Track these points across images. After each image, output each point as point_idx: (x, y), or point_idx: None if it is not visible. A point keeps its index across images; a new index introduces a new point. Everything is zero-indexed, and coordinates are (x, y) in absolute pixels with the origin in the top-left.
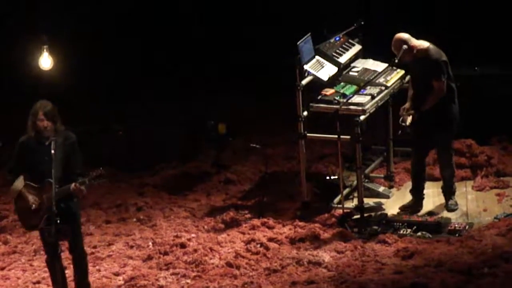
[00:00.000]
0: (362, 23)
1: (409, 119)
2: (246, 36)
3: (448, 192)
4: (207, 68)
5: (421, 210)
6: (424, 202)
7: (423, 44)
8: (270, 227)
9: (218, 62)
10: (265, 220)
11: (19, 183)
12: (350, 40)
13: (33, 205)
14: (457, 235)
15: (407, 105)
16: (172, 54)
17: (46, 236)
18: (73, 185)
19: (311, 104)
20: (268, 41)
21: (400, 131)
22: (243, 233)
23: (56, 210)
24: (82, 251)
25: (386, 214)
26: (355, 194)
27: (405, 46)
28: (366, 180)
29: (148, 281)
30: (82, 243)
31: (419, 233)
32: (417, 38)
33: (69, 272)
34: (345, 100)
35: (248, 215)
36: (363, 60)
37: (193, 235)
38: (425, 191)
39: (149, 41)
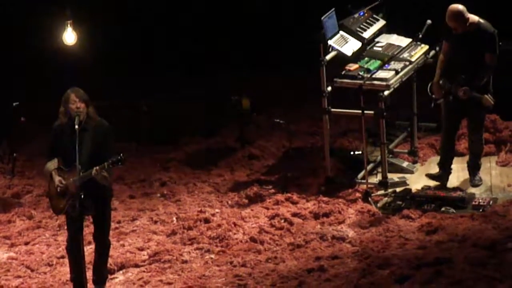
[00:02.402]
0: None
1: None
2: (270, 9)
3: (474, 167)
4: (231, 42)
5: (446, 184)
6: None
7: (474, 17)
8: (294, 202)
9: (242, 36)
10: (289, 195)
11: (51, 164)
12: (374, 15)
13: (58, 188)
14: (481, 210)
15: (439, 80)
16: (196, 28)
17: (70, 211)
18: (94, 169)
19: (335, 79)
20: (292, 15)
21: (432, 104)
22: (267, 208)
23: (82, 193)
24: (107, 241)
25: (410, 189)
26: (379, 169)
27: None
28: (390, 155)
29: (172, 256)
30: (108, 233)
31: (443, 208)
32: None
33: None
34: (369, 75)
35: (272, 190)
36: (387, 35)
37: (217, 210)
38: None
39: (173, 16)
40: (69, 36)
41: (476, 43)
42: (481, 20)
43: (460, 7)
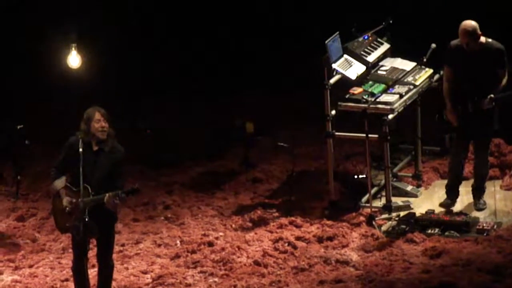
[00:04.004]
0: (391, 21)
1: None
2: (274, 33)
3: (478, 191)
4: (235, 65)
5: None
6: None
7: (481, 37)
8: (298, 226)
9: (245, 60)
10: (293, 219)
11: (60, 182)
12: (379, 39)
13: (67, 209)
14: (485, 234)
15: (449, 106)
16: (199, 52)
17: (75, 233)
18: (107, 195)
19: (339, 103)
20: (296, 39)
21: (448, 133)
22: (271, 232)
23: (87, 217)
24: (110, 262)
25: (414, 213)
26: (383, 193)
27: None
28: (394, 179)
29: (175, 280)
30: (112, 255)
31: (447, 232)
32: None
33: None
34: (373, 99)
35: (276, 214)
36: (392, 59)
37: (220, 233)
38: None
39: (175, 39)
40: (74, 60)
41: (484, 60)
42: (489, 39)
43: (473, 23)
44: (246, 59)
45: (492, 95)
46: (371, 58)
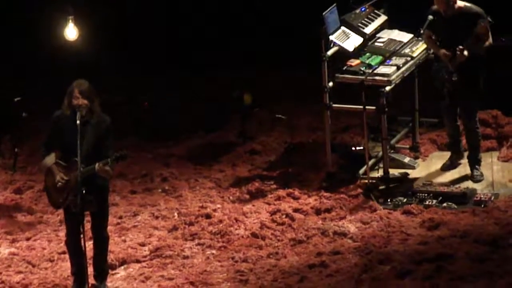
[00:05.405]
0: None
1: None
2: (271, 5)
3: (474, 162)
4: (232, 38)
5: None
6: (450, 172)
7: (460, 2)
8: (296, 198)
9: (243, 32)
10: (291, 190)
11: (50, 159)
12: (376, 11)
13: (59, 183)
14: (482, 206)
15: (441, 51)
16: (197, 24)
17: (72, 206)
18: (97, 165)
19: (336, 75)
20: (293, 10)
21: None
22: (269, 204)
23: (84, 189)
24: (105, 234)
25: (412, 185)
26: (381, 165)
27: None
28: (392, 151)
29: (173, 252)
30: (106, 227)
31: (444, 204)
32: None
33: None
34: (370, 71)
35: (274, 186)
36: (389, 31)
37: (218, 205)
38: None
39: (175, 12)
40: (71, 32)
41: (463, 25)
42: (467, 4)
43: None
44: (246, 30)
45: (460, 46)
46: (368, 29)
